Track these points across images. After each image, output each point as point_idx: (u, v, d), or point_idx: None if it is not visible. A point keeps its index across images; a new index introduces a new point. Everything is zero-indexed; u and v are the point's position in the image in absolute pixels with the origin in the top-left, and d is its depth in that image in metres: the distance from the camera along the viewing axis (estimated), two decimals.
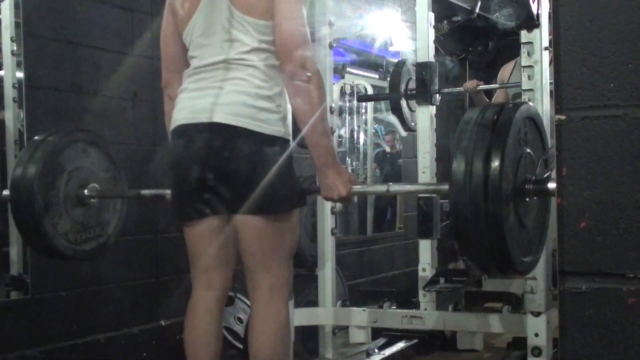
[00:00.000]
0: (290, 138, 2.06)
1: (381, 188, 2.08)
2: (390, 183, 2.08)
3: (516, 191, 1.57)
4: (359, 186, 2.10)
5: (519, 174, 1.58)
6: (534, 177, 1.62)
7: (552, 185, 1.59)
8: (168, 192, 2.25)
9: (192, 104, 2.03)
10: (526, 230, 1.65)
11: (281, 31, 1.96)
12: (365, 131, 5.48)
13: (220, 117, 1.95)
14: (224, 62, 2.01)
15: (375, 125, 5.61)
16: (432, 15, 3.37)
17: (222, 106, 1.97)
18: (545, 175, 1.63)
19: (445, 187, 1.68)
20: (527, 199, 1.62)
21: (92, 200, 2.43)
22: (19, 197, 2.30)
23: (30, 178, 2.27)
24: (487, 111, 1.61)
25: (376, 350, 3.44)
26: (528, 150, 1.63)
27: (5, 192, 2.37)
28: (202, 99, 2.01)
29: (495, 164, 1.51)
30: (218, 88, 2.00)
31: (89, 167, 2.46)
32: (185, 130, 2.02)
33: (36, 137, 2.40)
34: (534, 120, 1.69)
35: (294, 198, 2.07)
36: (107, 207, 2.52)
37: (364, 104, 5.40)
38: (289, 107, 2.04)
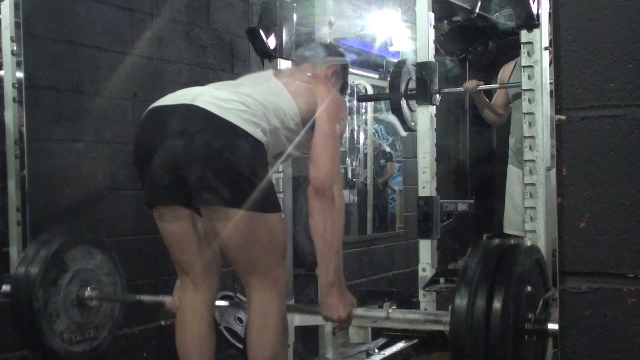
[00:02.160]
0: (265, 145, 2.01)
1: (381, 314, 2.12)
2: (390, 310, 2.11)
3: (516, 330, 1.59)
4: (359, 310, 2.12)
5: (518, 313, 1.60)
6: (534, 317, 1.64)
7: (551, 325, 1.61)
8: (168, 299, 2.32)
9: (176, 94, 2.05)
10: None
11: (317, 161, 2.05)
12: (365, 131, 5.48)
13: (200, 102, 1.94)
14: (235, 85, 2.09)
15: (375, 125, 5.61)
16: (432, 15, 3.37)
17: (205, 95, 1.98)
18: (545, 316, 1.66)
19: (447, 318, 1.70)
20: (526, 337, 1.64)
21: (91, 302, 2.49)
22: (20, 292, 2.35)
23: (33, 274, 2.34)
24: (491, 250, 1.66)
25: (376, 350, 3.44)
26: (529, 289, 1.65)
27: (6, 288, 2.42)
28: (190, 90, 2.05)
29: (497, 302, 1.55)
30: (212, 88, 2.05)
31: (92, 269, 2.52)
32: (160, 110, 2.01)
33: (43, 235, 2.50)
34: (537, 261, 1.72)
35: (268, 201, 2.03)
36: (103, 311, 2.57)
37: (364, 104, 5.40)
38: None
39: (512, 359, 1.59)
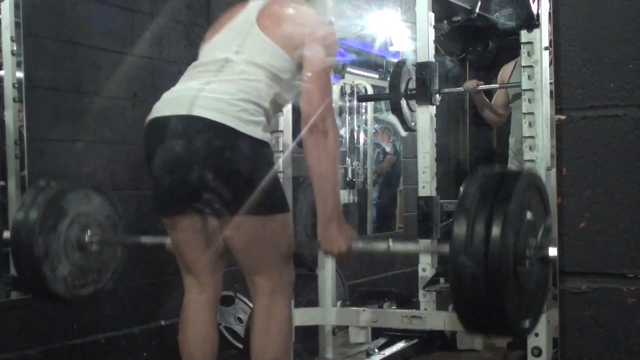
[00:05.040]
0: (270, 142, 2.03)
1: (382, 246, 2.10)
2: (391, 240, 2.09)
3: (516, 256, 1.57)
4: (360, 243, 2.09)
5: (519, 240, 1.59)
6: (535, 243, 1.62)
7: (552, 252, 1.60)
8: (168, 240, 2.26)
9: (173, 96, 2.02)
10: (526, 295, 1.65)
11: (310, 93, 2.00)
12: (365, 131, 5.48)
13: (198, 111, 1.92)
14: (222, 61, 2.02)
15: (376, 125, 5.61)
16: (432, 15, 3.37)
17: (201, 100, 1.94)
18: (546, 242, 1.64)
19: (446, 248, 1.68)
20: (528, 264, 1.62)
21: (92, 246, 2.44)
22: (20, 240, 2.31)
23: (32, 221, 2.28)
24: (489, 177, 1.63)
25: (376, 350, 3.44)
26: (530, 216, 1.63)
27: (6, 234, 2.38)
28: (185, 92, 2.01)
29: (497, 229, 1.52)
30: (204, 84, 1.99)
31: (91, 212, 2.47)
32: (161, 123, 2.00)
33: (40, 182, 2.42)
34: (537, 187, 1.70)
35: (276, 202, 2.03)
36: (106, 254, 2.53)
37: (364, 104, 5.39)
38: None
39: (514, 287, 1.57)
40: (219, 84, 1.98)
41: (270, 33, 2.04)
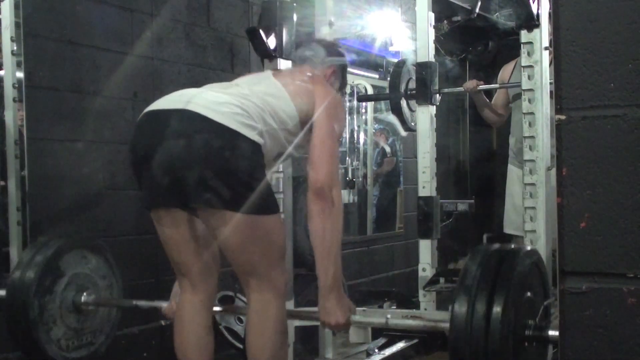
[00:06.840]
0: (262, 147, 2.02)
1: (380, 320, 2.11)
2: (389, 315, 2.11)
3: (515, 336, 1.59)
4: (357, 316, 2.11)
5: (518, 319, 1.60)
6: (534, 323, 1.64)
7: (552, 332, 1.60)
8: (164, 304, 2.31)
9: (172, 95, 2.04)
10: None
11: (316, 163, 2.04)
12: (365, 131, 5.48)
13: (193, 107, 1.93)
14: (233, 84, 2.09)
15: (376, 125, 5.61)
16: (432, 15, 3.37)
17: (199, 98, 1.96)
18: (545, 322, 1.65)
19: (446, 325, 1.69)
20: (526, 344, 1.63)
21: (87, 307, 2.46)
22: (15, 300, 2.32)
23: (28, 281, 2.31)
24: (491, 255, 1.65)
25: (376, 350, 3.43)
26: (529, 295, 1.65)
27: (1, 293, 2.40)
28: (185, 92, 2.04)
29: (497, 308, 1.55)
30: (206, 90, 2.04)
31: (88, 273, 2.50)
32: (155, 115, 2.00)
33: (39, 239, 2.48)
34: (537, 266, 1.72)
35: (264, 203, 2.02)
36: (100, 316, 2.55)
37: (364, 104, 5.40)
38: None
39: None
40: (221, 95, 2.01)
41: (283, 82, 2.13)
